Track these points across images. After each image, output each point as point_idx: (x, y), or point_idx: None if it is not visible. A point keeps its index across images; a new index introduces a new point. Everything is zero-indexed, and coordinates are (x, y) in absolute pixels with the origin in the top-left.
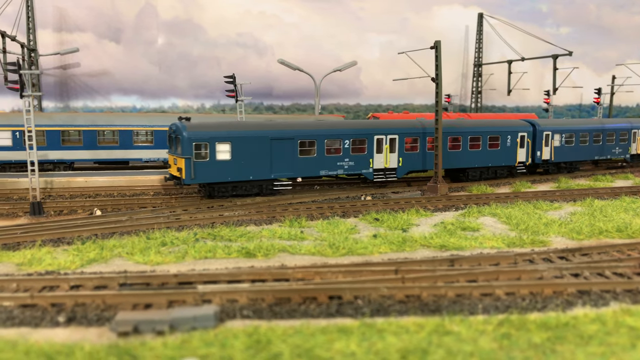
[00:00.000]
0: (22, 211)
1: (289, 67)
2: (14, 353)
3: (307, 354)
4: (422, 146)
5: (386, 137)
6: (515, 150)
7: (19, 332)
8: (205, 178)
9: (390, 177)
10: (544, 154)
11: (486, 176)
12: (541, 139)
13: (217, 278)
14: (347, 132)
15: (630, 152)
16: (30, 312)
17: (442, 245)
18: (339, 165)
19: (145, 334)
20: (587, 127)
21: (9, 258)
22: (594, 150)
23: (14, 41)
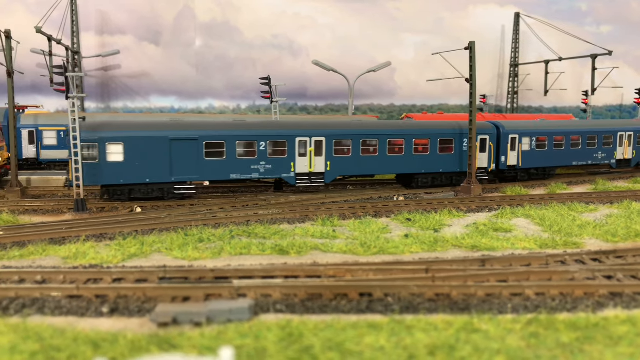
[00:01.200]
0: (67, 208)
1: (323, 68)
2: (63, 339)
3: (337, 348)
4: (356, 149)
5: (310, 140)
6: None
7: (67, 320)
8: (95, 180)
9: (316, 183)
10: (509, 159)
11: (439, 183)
12: (506, 142)
13: (251, 274)
14: (263, 134)
15: (615, 157)
16: (76, 303)
17: (473, 246)
18: (253, 168)
19: (183, 325)
20: (562, 129)
21: (56, 252)
22: (571, 155)
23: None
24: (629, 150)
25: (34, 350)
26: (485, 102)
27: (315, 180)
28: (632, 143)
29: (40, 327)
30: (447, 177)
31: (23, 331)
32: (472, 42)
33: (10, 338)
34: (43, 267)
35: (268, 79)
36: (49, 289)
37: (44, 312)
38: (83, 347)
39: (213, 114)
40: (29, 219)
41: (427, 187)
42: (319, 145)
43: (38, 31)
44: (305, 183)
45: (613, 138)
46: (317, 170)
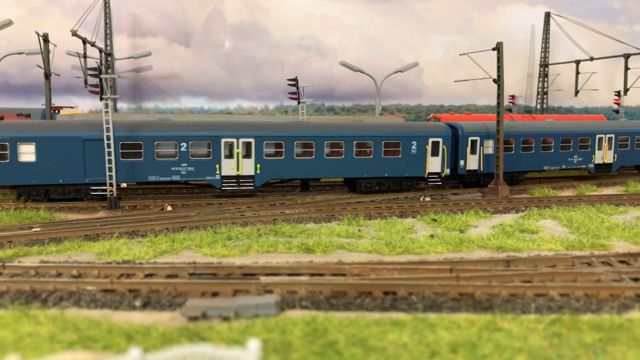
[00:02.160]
0: (100, 206)
1: (351, 68)
2: (99, 331)
3: (361, 343)
4: (289, 152)
5: (238, 141)
6: (424, 158)
7: (102, 313)
8: (6, 180)
9: (245, 186)
10: (469, 163)
11: (386, 188)
12: (466, 145)
13: (278, 271)
14: (184, 134)
15: (593, 161)
16: (110, 296)
17: (499, 247)
18: (174, 170)
19: (212, 319)
20: (532, 131)
21: (90, 248)
22: (542, 159)
23: (93, 46)
24: (609, 154)
25: (72, 340)
26: (514, 102)
27: (244, 184)
28: (613, 146)
29: (77, 319)
30: (395, 182)
31: (61, 322)
32: (499, 43)
33: (49, 328)
34: (78, 262)
35: (295, 80)
36: (84, 283)
37: (80, 305)
38: (117, 338)
39: (241, 115)
40: (64, 216)
41: (373, 193)
42: (247, 146)
43: (74, 34)
44: (232, 186)
45: (591, 140)
46: (246, 173)
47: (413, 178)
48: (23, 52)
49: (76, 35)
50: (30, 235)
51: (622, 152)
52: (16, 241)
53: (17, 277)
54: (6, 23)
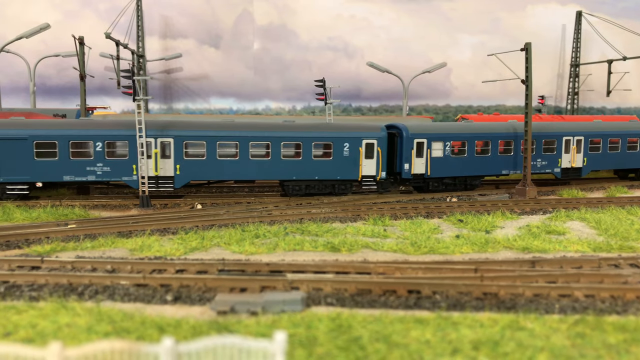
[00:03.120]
0: (133, 204)
1: (378, 69)
2: (132, 323)
3: (384, 339)
4: (211, 152)
5: (156, 141)
6: (357, 161)
7: (135, 306)
8: None
9: (164, 187)
10: (414, 166)
11: (317, 191)
12: (410, 147)
13: (304, 268)
14: (99, 134)
15: (560, 165)
16: (143, 291)
17: (524, 248)
18: (89, 170)
19: (240, 314)
20: (487, 133)
21: (123, 244)
22: (500, 163)
23: (125, 49)
24: (578, 158)
25: (107, 331)
26: (543, 103)
27: (163, 185)
28: (582, 149)
29: (111, 311)
30: (327, 185)
31: (97, 314)
32: (528, 43)
33: (86, 320)
34: (112, 258)
35: (322, 81)
36: (118, 277)
37: (114, 298)
38: (150, 330)
39: (269, 115)
40: (98, 214)
41: (302, 196)
42: (166, 147)
43: (107, 37)
44: (150, 187)
45: (557, 143)
46: (165, 173)
47: (346, 181)
48: (59, 55)
49: (110, 37)
50: (66, 232)
51: (593, 156)
52: (53, 237)
53: (54, 271)
54: (44, 27)
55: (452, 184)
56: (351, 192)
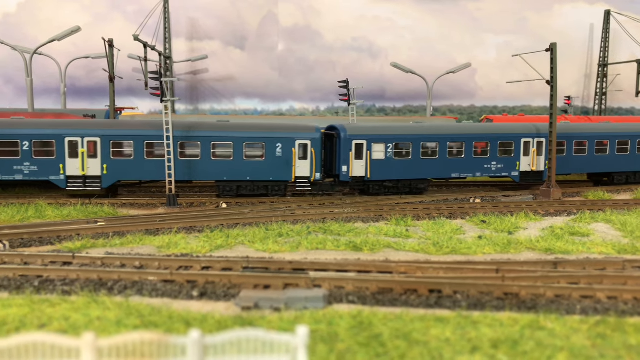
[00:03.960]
0: (160, 203)
1: (402, 70)
2: (160, 317)
3: (405, 337)
4: (139, 152)
5: (82, 140)
6: (290, 162)
7: (162, 301)
8: None
9: (91, 187)
10: (353, 169)
11: (249, 192)
12: (349, 149)
13: (326, 267)
14: (26, 133)
15: (518, 169)
16: (170, 286)
17: (547, 249)
18: (16, 169)
19: (264, 310)
20: (435, 134)
21: (151, 242)
22: (450, 166)
23: (153, 50)
24: (539, 161)
25: (136, 324)
26: (570, 103)
27: (90, 184)
28: (544, 151)
29: (140, 306)
30: (259, 186)
31: (126, 308)
32: (553, 44)
33: (116, 313)
34: (140, 255)
35: (346, 82)
36: (146, 273)
37: (143, 294)
38: (177, 324)
39: (293, 116)
40: (126, 212)
41: (233, 197)
42: (93, 146)
43: (136, 39)
44: (78, 186)
45: (515, 145)
46: (92, 173)
47: (280, 182)
48: (89, 57)
49: (138, 39)
50: (96, 229)
51: (557, 159)
52: (84, 234)
53: (85, 266)
54: (75, 30)
55: (394, 187)
56: (285, 194)
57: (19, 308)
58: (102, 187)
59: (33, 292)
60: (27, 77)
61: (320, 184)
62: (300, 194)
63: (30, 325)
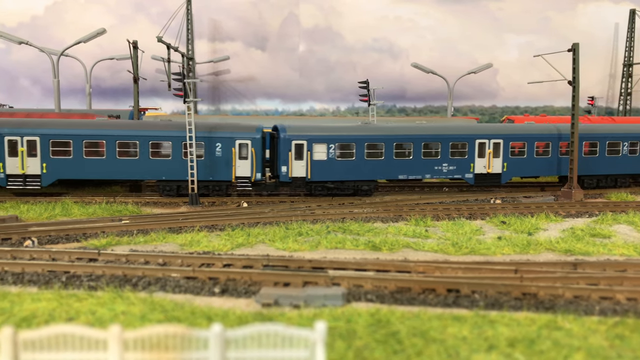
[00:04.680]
0: (182, 201)
1: (422, 70)
2: (182, 312)
3: (422, 335)
4: (78, 151)
5: (22, 139)
6: (230, 162)
7: (185, 297)
8: None
9: (31, 185)
10: (293, 169)
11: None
12: (288, 149)
13: (345, 266)
14: None
15: (472, 171)
16: (192, 283)
17: (567, 250)
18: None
19: (283, 307)
20: (379, 135)
21: (174, 239)
22: (397, 167)
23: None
24: (496, 163)
25: (159, 319)
26: (593, 104)
27: (30, 183)
28: (501, 153)
29: (163, 301)
30: (200, 186)
31: (150, 304)
32: (575, 44)
33: (140, 308)
34: (164, 252)
35: (366, 82)
36: (169, 270)
37: (166, 290)
38: (199, 319)
39: (313, 116)
40: (150, 210)
41: (174, 197)
42: (32, 145)
43: (159, 40)
44: (18, 185)
45: (469, 146)
46: (32, 172)
47: (221, 182)
48: (114, 58)
49: (161, 41)
50: (120, 227)
51: (516, 161)
52: (109, 232)
53: (110, 263)
54: (100, 32)
55: (336, 188)
56: (228, 194)
57: (48, 302)
58: (41, 186)
59: (61, 287)
60: (54, 78)
61: (264, 184)
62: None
63: (59, 318)
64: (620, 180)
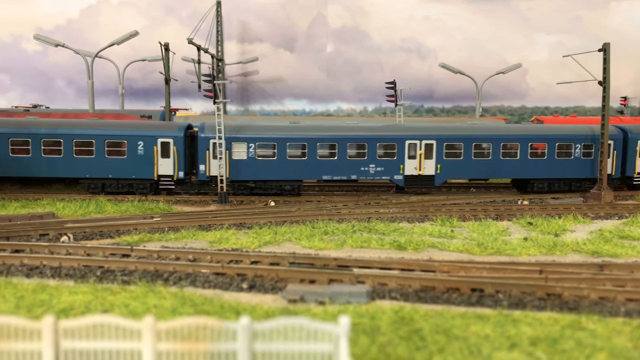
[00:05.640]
0: (212, 200)
1: (450, 70)
2: (212, 306)
3: (444, 332)
4: (3, 149)
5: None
6: (152, 160)
7: (214, 292)
8: None
9: None
10: (210, 168)
11: (114, 189)
12: (205, 148)
13: (370, 264)
14: None
15: (402, 172)
16: (221, 279)
17: (594, 252)
18: None
19: (309, 303)
20: (301, 135)
21: (203, 237)
22: (320, 168)
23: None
24: (428, 164)
25: (189, 312)
26: (626, 104)
27: None
28: (434, 154)
29: (193, 296)
30: (124, 184)
31: (180, 298)
32: (606, 44)
33: (171, 302)
34: (194, 249)
35: (393, 83)
36: (199, 266)
37: (196, 285)
38: (228, 313)
39: (340, 116)
40: (180, 208)
41: (99, 194)
42: None
43: (190, 42)
44: None
45: (398, 147)
46: None
47: (144, 180)
48: (146, 59)
49: (191, 42)
50: (152, 224)
51: (451, 163)
52: (141, 229)
53: (143, 259)
54: (133, 34)
55: (257, 188)
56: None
57: (84, 295)
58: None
59: (96, 281)
60: (89, 80)
61: (191, 183)
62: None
63: (94, 310)
64: (575, 185)
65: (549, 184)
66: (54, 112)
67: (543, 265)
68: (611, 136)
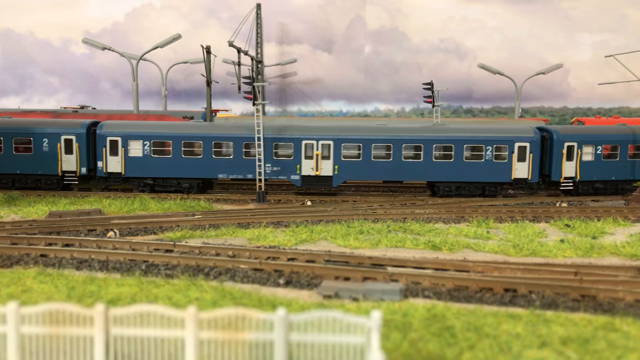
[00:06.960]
0: (250, 199)
1: (489, 71)
2: (250, 300)
3: (476, 330)
4: None
5: None
6: (56, 156)
7: (252, 287)
8: None
9: None
10: (107, 165)
11: (22, 185)
12: (103, 145)
13: (404, 263)
14: None
15: (299, 172)
16: (259, 274)
17: (633, 255)
18: None
19: (343, 299)
20: (195, 133)
21: (242, 234)
22: (216, 166)
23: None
24: (325, 165)
25: (229, 305)
26: None
27: None
28: (332, 155)
29: (232, 290)
30: (31, 180)
31: (220, 292)
32: None
33: (212, 295)
34: (233, 245)
35: (430, 84)
36: (238, 262)
37: (235, 279)
38: (265, 306)
39: (378, 117)
40: (220, 207)
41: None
42: None
43: (230, 45)
44: None
45: (294, 147)
46: None
47: (50, 176)
48: (187, 62)
49: (232, 45)
50: (193, 221)
51: (350, 164)
52: (183, 225)
53: (185, 254)
54: (176, 37)
55: (159, 185)
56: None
57: (130, 287)
58: None
59: (141, 275)
60: (133, 82)
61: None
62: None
63: (140, 301)
64: (490, 189)
65: (457, 188)
66: (100, 112)
67: (579, 267)
68: (526, 138)
